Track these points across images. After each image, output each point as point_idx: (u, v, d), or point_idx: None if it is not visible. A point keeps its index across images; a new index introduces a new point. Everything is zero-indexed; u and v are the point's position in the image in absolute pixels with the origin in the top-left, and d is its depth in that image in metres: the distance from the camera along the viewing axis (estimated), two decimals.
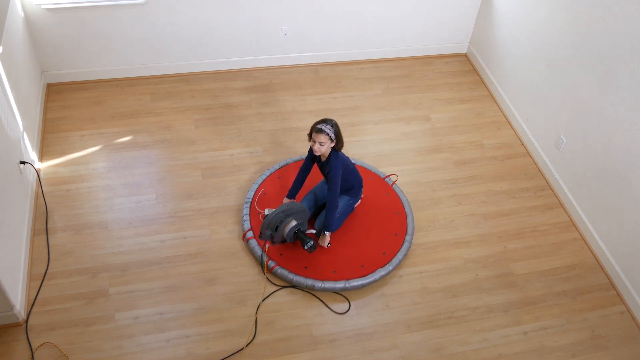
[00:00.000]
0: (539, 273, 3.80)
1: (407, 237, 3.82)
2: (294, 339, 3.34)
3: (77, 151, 4.29)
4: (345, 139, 4.58)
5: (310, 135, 3.46)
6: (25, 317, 3.31)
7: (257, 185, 4.04)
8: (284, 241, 3.62)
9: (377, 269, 3.63)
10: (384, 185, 4.15)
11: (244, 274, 3.63)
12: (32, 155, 4.04)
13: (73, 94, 4.75)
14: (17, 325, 3.27)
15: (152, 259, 3.66)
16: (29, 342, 3.21)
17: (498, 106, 5.04)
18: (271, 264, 3.60)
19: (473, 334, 3.45)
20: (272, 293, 3.53)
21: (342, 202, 3.79)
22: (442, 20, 5.27)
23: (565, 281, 3.77)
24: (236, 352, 3.25)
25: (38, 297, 3.42)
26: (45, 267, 3.56)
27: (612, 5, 3.58)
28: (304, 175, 3.81)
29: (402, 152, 4.52)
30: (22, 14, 4.28)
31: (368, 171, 4.25)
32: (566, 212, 4.20)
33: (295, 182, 3.83)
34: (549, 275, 3.79)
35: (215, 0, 4.60)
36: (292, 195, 3.86)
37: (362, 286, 3.57)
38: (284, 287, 3.56)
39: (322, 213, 3.75)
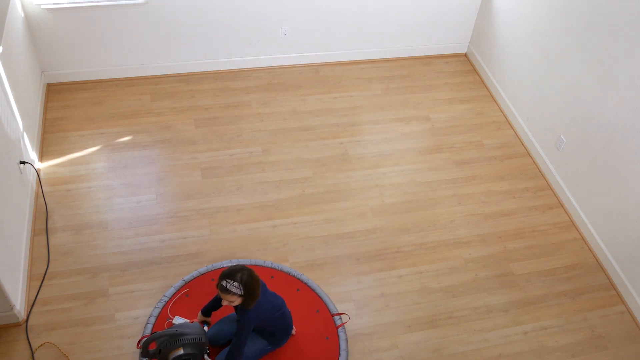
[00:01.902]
0: (539, 273, 3.80)
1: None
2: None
3: (77, 151, 4.29)
4: (345, 139, 4.58)
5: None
6: (25, 317, 3.31)
7: (183, 283, 3.42)
8: None
9: None
10: (327, 325, 3.34)
11: None
12: (32, 155, 4.04)
13: (73, 94, 4.75)
14: (17, 325, 3.27)
15: (152, 259, 3.66)
16: (29, 342, 3.20)
17: (498, 106, 5.04)
18: None
19: (473, 334, 3.45)
20: None
21: (256, 346, 3.07)
22: (442, 20, 5.26)
23: (565, 281, 3.77)
24: None
25: (38, 297, 3.42)
26: (45, 267, 3.56)
27: (612, 5, 3.58)
28: (220, 301, 3.17)
29: (402, 152, 4.52)
30: (22, 14, 4.28)
31: (317, 299, 3.46)
32: (566, 212, 4.20)
33: (214, 299, 3.16)
34: (549, 275, 3.79)
35: (215, 0, 4.60)
36: (206, 312, 3.18)
37: None
38: None
39: (223, 351, 3.05)
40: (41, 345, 3.20)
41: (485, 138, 4.72)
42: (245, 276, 2.75)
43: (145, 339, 2.83)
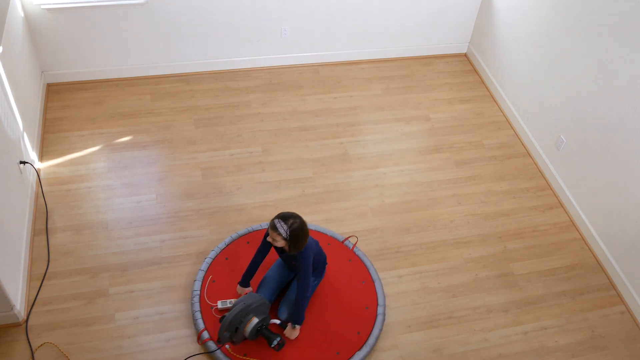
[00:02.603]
0: (539, 273, 3.80)
1: (380, 309, 3.43)
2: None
3: (77, 151, 4.29)
4: (345, 139, 4.58)
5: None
6: (25, 317, 3.31)
7: (203, 273, 3.50)
8: (245, 339, 3.14)
9: (355, 352, 3.23)
10: (345, 251, 3.71)
11: None
12: (32, 155, 4.04)
13: (73, 94, 4.75)
14: (17, 325, 3.27)
15: (152, 259, 3.66)
16: (29, 342, 3.20)
17: (498, 106, 5.04)
18: None
19: (473, 334, 3.45)
20: None
21: None
22: (442, 20, 5.27)
23: (565, 281, 3.77)
24: None
25: (38, 297, 3.42)
26: (45, 267, 3.56)
27: (612, 5, 3.58)
28: (260, 259, 3.31)
29: (402, 152, 4.52)
30: (22, 14, 4.28)
31: (324, 236, 3.78)
32: (566, 212, 4.20)
33: (249, 267, 3.33)
34: (549, 275, 3.79)
35: (215, 0, 4.60)
36: (245, 282, 3.36)
37: None
38: None
39: (284, 300, 3.32)
40: (41, 345, 3.20)
41: (485, 138, 4.72)
42: (296, 224, 2.97)
43: (220, 329, 2.97)
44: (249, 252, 3.66)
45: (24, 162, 3.73)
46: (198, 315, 3.31)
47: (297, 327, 3.22)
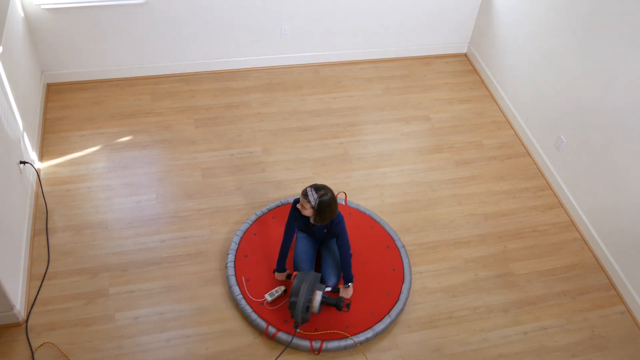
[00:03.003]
0: (539, 273, 3.80)
1: (406, 270, 3.63)
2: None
3: (77, 151, 4.29)
4: (345, 139, 4.58)
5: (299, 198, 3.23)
6: (25, 317, 3.31)
7: (232, 266, 3.56)
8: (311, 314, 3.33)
9: (388, 311, 3.42)
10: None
11: None
12: (32, 155, 4.04)
13: (73, 94, 4.75)
14: (17, 325, 3.27)
15: (152, 259, 3.66)
16: (29, 342, 3.20)
17: (498, 106, 5.04)
18: (315, 344, 3.27)
19: (473, 334, 3.45)
20: None
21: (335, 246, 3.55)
22: (442, 20, 5.26)
23: (565, 281, 3.77)
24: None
25: (38, 297, 3.42)
26: (45, 267, 3.56)
27: (612, 5, 3.58)
28: (290, 240, 3.41)
29: (402, 152, 4.52)
30: (22, 14, 4.28)
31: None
32: (566, 212, 4.20)
33: (281, 251, 3.42)
34: (549, 275, 3.79)
35: (215, 0, 4.60)
36: (281, 267, 3.46)
37: (376, 334, 3.35)
38: None
39: (326, 267, 3.47)
40: (41, 345, 3.20)
41: (485, 138, 4.72)
42: (326, 197, 3.13)
43: (295, 315, 3.14)
44: (274, 228, 3.81)
45: (24, 162, 3.73)
46: (254, 315, 3.35)
47: (350, 285, 3.44)
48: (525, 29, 4.56)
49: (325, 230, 3.36)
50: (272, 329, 3.30)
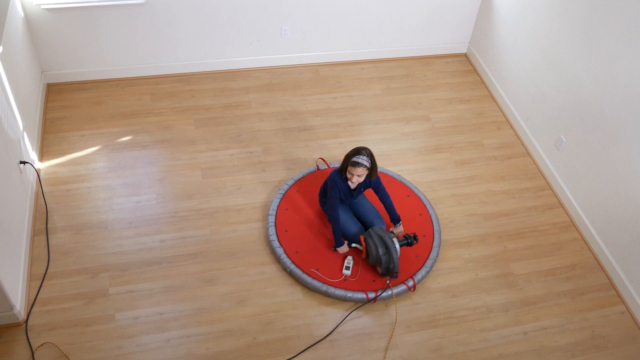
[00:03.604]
0: (539, 273, 3.80)
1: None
2: (294, 339, 3.34)
3: (77, 151, 4.29)
4: (345, 139, 4.58)
5: (343, 167, 3.46)
6: (25, 317, 3.31)
7: (277, 243, 3.72)
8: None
9: (429, 253, 3.75)
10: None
11: (244, 274, 3.63)
12: (32, 155, 4.04)
13: (73, 94, 4.75)
14: (17, 325, 3.27)
15: (152, 259, 3.66)
16: (29, 342, 3.21)
17: (498, 106, 5.04)
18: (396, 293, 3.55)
19: (473, 334, 3.45)
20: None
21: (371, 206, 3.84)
22: (442, 20, 5.27)
23: (565, 281, 3.77)
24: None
25: (38, 297, 3.42)
26: (45, 267, 3.56)
27: (612, 5, 3.58)
28: (339, 213, 3.62)
29: (402, 152, 4.52)
30: (22, 14, 4.28)
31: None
32: (566, 212, 4.20)
33: (335, 227, 3.61)
34: (549, 275, 3.79)
35: (215, 0, 4.60)
36: (341, 241, 3.66)
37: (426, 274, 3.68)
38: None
39: (372, 220, 3.72)
40: (41, 345, 3.20)
41: (485, 138, 4.72)
42: (368, 151, 3.42)
43: (391, 269, 3.44)
44: (300, 198, 4.02)
45: (24, 162, 3.73)
46: (350, 293, 3.48)
47: (400, 222, 3.80)
48: (525, 29, 4.56)
49: (362, 189, 3.61)
50: (371, 294, 3.50)
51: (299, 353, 3.28)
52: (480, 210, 4.16)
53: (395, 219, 3.77)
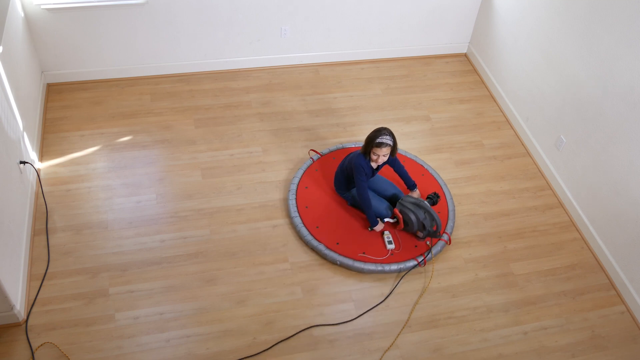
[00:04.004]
0: (539, 273, 3.80)
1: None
2: (294, 339, 3.35)
3: (77, 151, 4.29)
4: (345, 139, 4.59)
5: (367, 150, 3.59)
6: (25, 317, 3.31)
7: (309, 235, 3.80)
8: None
9: (447, 208, 4.02)
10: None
11: (244, 274, 3.63)
12: (32, 155, 4.04)
13: (73, 94, 4.75)
14: (17, 325, 3.27)
15: (152, 259, 3.66)
16: (29, 342, 3.21)
17: (498, 106, 5.04)
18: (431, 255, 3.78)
19: (473, 334, 3.45)
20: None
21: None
22: (442, 20, 5.27)
23: (565, 281, 3.77)
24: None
25: (38, 297, 3.42)
26: (45, 267, 3.56)
27: (612, 5, 3.58)
28: (368, 193, 3.77)
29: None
30: (22, 14, 4.28)
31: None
32: (566, 212, 4.20)
33: (369, 208, 3.74)
34: (549, 275, 3.79)
35: (215, 0, 4.60)
36: (375, 221, 3.79)
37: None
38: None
39: (394, 194, 3.94)
40: (41, 345, 3.20)
41: (485, 138, 4.72)
42: (389, 130, 3.56)
43: (438, 226, 3.69)
44: (318, 176, 4.20)
45: (24, 162, 3.73)
46: (402, 265, 3.65)
47: (416, 188, 4.00)
48: (525, 28, 4.56)
49: (381, 166, 3.75)
50: (420, 258, 3.72)
51: (341, 323, 3.28)
52: (480, 210, 4.16)
53: (412, 185, 3.97)
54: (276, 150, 4.44)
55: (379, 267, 3.64)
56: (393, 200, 3.93)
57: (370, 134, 3.57)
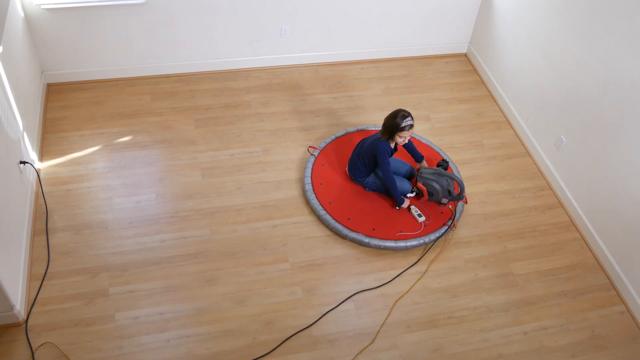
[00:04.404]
0: (539, 273, 3.80)
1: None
2: (294, 339, 3.35)
3: (77, 151, 4.29)
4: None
5: (391, 134, 3.71)
6: (25, 317, 3.31)
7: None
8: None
9: (456, 173, 4.24)
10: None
11: (244, 274, 3.63)
12: (32, 155, 4.04)
13: (73, 94, 4.75)
14: (17, 325, 3.27)
15: (152, 259, 3.66)
16: (29, 342, 3.21)
17: (498, 106, 5.04)
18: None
19: (473, 334, 3.45)
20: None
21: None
22: (442, 20, 5.27)
23: (565, 281, 3.77)
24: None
25: (38, 297, 3.42)
26: (45, 267, 3.56)
27: (612, 5, 3.58)
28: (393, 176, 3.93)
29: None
30: (22, 14, 4.28)
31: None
32: (566, 212, 4.20)
33: (395, 187, 3.88)
34: (549, 275, 3.79)
35: (215, 0, 4.60)
36: (402, 199, 3.94)
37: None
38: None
39: (405, 164, 4.15)
40: (41, 345, 3.20)
41: (485, 138, 4.72)
42: (406, 110, 3.70)
43: (462, 189, 3.93)
44: (335, 157, 4.35)
45: (24, 162, 3.73)
46: (437, 234, 3.86)
47: (423, 159, 4.18)
48: (525, 29, 4.56)
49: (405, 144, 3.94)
50: (449, 222, 3.94)
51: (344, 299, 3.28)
52: (480, 210, 4.16)
53: (420, 157, 4.15)
54: (276, 150, 4.44)
55: (421, 241, 3.81)
56: (408, 176, 4.12)
57: (393, 120, 3.67)
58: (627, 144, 3.59)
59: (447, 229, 3.91)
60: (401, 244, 3.77)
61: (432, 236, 3.84)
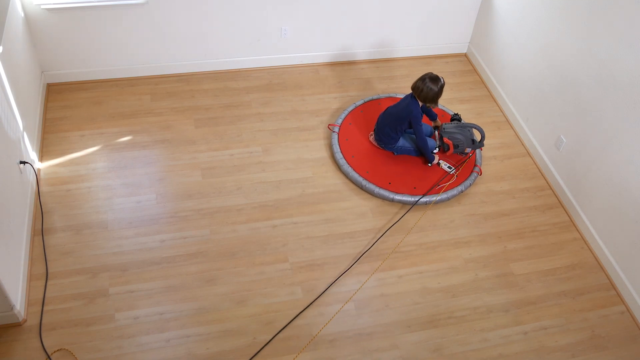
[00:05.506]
0: (539, 273, 3.80)
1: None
2: (294, 339, 3.35)
3: (77, 151, 4.29)
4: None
5: (434, 100, 3.99)
6: (25, 317, 3.31)
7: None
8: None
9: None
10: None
11: (244, 274, 3.63)
12: (32, 155, 4.04)
13: (73, 94, 4.75)
14: (17, 325, 3.27)
15: (152, 259, 3.66)
16: (42, 343, 3.20)
17: (498, 106, 5.04)
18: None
19: (473, 334, 3.45)
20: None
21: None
22: (442, 20, 5.27)
23: (565, 281, 3.77)
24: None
25: (37, 297, 3.42)
26: (45, 268, 3.56)
27: (612, 5, 3.58)
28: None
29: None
30: (22, 14, 4.28)
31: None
32: (566, 212, 4.20)
33: (427, 149, 4.19)
34: (549, 275, 3.80)
35: (215, 0, 4.60)
36: (432, 156, 4.26)
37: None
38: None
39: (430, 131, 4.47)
40: (57, 350, 3.20)
41: (486, 138, 4.72)
42: (430, 74, 3.97)
43: (483, 136, 4.21)
44: (362, 118, 4.64)
45: (24, 162, 3.73)
46: (469, 182, 4.20)
47: (437, 117, 4.47)
48: (525, 29, 4.56)
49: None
50: (476, 169, 4.29)
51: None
52: (480, 210, 4.16)
53: (434, 116, 4.43)
54: (276, 150, 4.44)
55: (460, 190, 4.14)
56: (428, 135, 4.41)
57: (426, 84, 3.92)
58: (627, 143, 3.59)
59: (476, 176, 4.25)
60: (444, 195, 4.10)
61: (467, 182, 4.18)
